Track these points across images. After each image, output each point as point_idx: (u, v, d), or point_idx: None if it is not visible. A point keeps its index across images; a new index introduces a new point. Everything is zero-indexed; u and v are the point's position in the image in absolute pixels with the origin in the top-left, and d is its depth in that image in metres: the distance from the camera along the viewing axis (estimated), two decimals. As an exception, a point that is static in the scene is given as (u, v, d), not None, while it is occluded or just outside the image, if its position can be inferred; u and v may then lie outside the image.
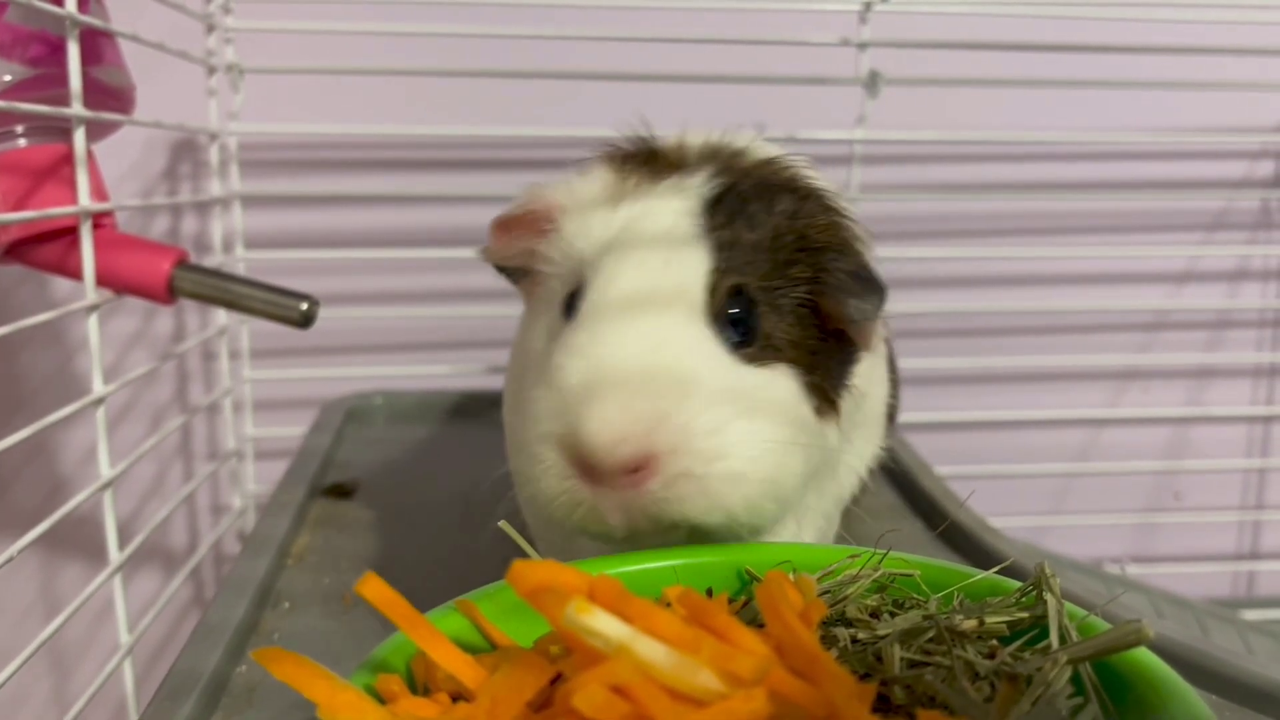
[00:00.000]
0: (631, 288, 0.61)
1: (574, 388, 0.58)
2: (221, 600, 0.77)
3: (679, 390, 0.57)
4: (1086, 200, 1.53)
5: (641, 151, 0.73)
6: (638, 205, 0.66)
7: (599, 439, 0.56)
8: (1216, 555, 1.65)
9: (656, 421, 0.56)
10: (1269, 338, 1.61)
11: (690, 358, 0.59)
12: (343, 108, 1.37)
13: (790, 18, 1.37)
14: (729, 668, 0.40)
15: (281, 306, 0.93)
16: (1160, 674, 0.46)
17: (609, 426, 0.56)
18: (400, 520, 1.01)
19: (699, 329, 0.61)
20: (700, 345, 0.60)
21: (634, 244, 0.64)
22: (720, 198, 0.66)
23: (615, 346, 0.58)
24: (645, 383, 0.57)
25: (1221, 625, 1.14)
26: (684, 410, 0.57)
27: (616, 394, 0.56)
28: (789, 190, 0.69)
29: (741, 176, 0.68)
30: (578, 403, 0.57)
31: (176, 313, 1.41)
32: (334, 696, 0.42)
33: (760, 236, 0.65)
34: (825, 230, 0.67)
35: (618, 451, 0.56)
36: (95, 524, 0.89)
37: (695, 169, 0.69)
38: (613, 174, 0.71)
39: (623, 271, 0.62)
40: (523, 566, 0.43)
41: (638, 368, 0.58)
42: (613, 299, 0.61)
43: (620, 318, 0.60)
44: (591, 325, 0.60)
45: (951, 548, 0.99)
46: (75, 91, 0.82)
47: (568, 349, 0.60)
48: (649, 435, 0.56)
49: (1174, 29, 1.38)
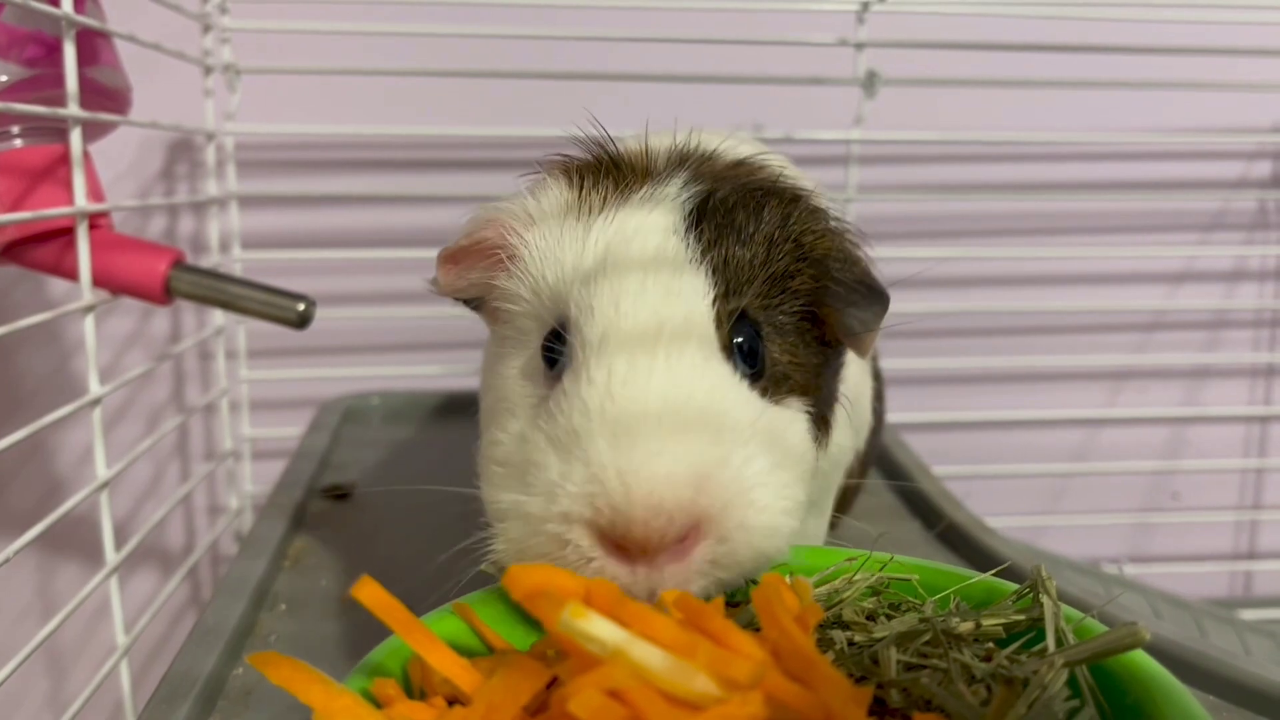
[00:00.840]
0: (637, 327, 0.55)
1: (604, 459, 0.51)
2: (218, 602, 0.77)
3: (718, 445, 0.53)
4: (1083, 200, 1.53)
5: (601, 160, 0.66)
6: (613, 225, 0.60)
7: (651, 522, 0.50)
8: (1214, 555, 1.65)
9: (702, 487, 0.51)
10: (1266, 338, 1.62)
11: (721, 404, 0.54)
12: (339, 108, 1.36)
13: (788, 18, 1.37)
14: (725, 672, 0.40)
15: (278, 307, 0.93)
16: (1157, 677, 0.46)
17: (658, 505, 0.50)
18: (397, 521, 1.01)
19: (720, 368, 0.56)
20: (727, 389, 0.55)
21: (625, 273, 0.57)
22: (701, 209, 0.61)
23: (642, 404, 0.52)
24: (684, 444, 0.52)
25: (1219, 625, 1.14)
26: (728, 468, 0.52)
27: (658, 463, 0.51)
28: (773, 195, 0.64)
29: (718, 182, 0.63)
30: (614, 478, 0.50)
31: (173, 313, 1.41)
32: (330, 701, 0.42)
33: (754, 251, 0.60)
34: (824, 238, 0.63)
35: (669, 530, 0.50)
36: (92, 524, 0.89)
37: (666, 177, 0.63)
38: (571, 188, 0.64)
39: (623, 308, 0.56)
40: (519, 571, 0.43)
41: (672, 427, 0.52)
42: (618, 342, 0.55)
43: (636, 366, 0.54)
44: (603, 378, 0.54)
45: (949, 548, 0.99)
46: (71, 92, 0.82)
47: (581, 409, 0.53)
48: (696, 504, 0.51)
49: (1171, 29, 1.38)
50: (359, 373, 1.41)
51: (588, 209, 0.62)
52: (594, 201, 0.62)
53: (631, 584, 0.51)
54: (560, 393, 0.56)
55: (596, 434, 0.52)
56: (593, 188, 0.63)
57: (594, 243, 0.60)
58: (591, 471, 0.51)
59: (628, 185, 0.63)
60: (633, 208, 0.61)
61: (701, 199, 0.61)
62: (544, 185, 0.65)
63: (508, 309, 0.64)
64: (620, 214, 0.61)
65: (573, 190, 0.63)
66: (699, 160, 0.66)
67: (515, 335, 0.64)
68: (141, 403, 1.42)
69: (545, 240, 0.62)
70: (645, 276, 0.57)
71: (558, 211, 0.63)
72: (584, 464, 0.52)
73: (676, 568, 0.51)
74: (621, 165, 0.65)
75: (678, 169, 0.64)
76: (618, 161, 0.65)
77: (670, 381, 0.53)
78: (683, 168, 0.64)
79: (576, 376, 0.55)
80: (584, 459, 0.52)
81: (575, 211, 0.62)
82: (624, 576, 0.51)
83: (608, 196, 0.62)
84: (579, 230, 0.61)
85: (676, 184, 0.62)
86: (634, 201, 0.61)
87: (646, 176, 0.63)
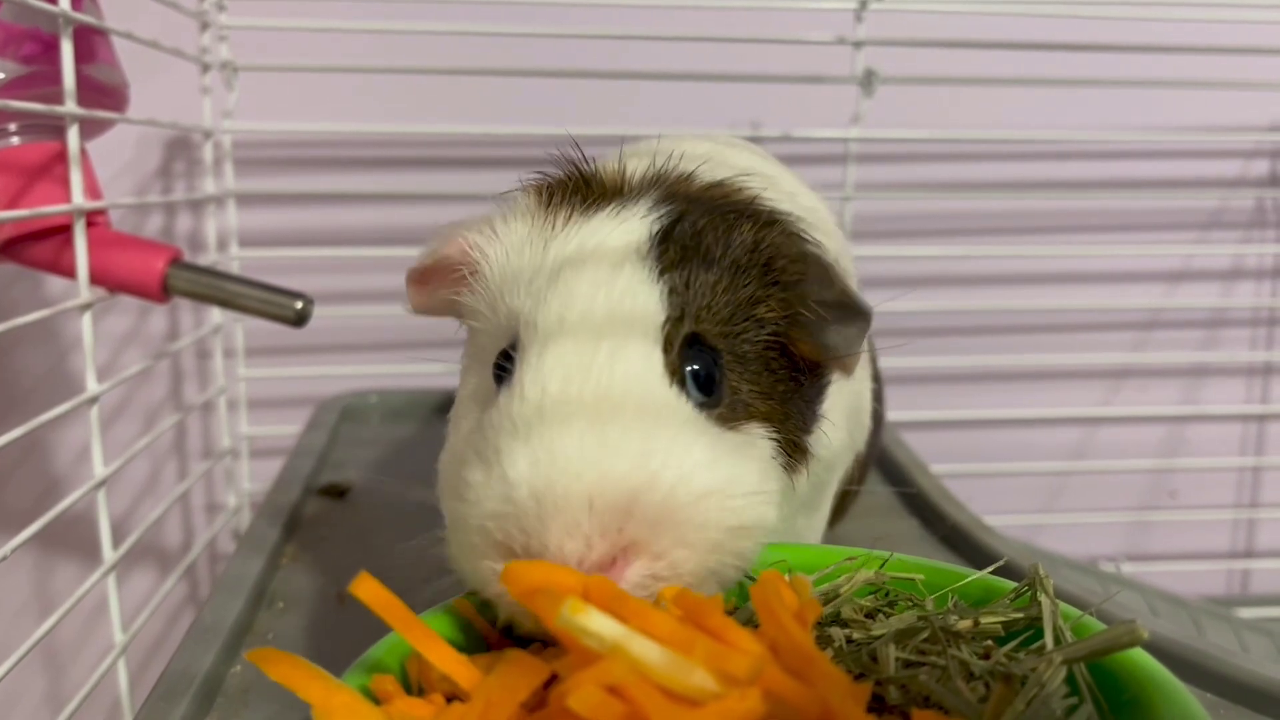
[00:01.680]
0: (578, 342, 0.53)
1: (521, 483, 0.49)
2: (216, 600, 0.77)
3: (648, 461, 0.49)
4: (1081, 199, 1.54)
5: (572, 178, 0.63)
6: (572, 242, 0.58)
7: (566, 547, 0.47)
8: (1211, 553, 1.65)
9: (629, 510, 0.48)
10: (1263, 336, 1.62)
11: (656, 420, 0.51)
12: (337, 106, 1.36)
13: (786, 16, 1.37)
14: (723, 667, 0.40)
15: (276, 305, 0.93)
16: (1155, 674, 0.46)
17: (573, 530, 0.48)
18: (395, 519, 1.01)
19: (659, 385, 0.53)
20: (664, 405, 0.52)
21: (574, 288, 0.55)
22: (669, 231, 0.58)
23: (566, 418, 0.50)
24: (609, 461, 0.49)
25: (1216, 623, 1.15)
26: (657, 489, 0.49)
27: (575, 484, 0.48)
28: (747, 218, 0.60)
29: (690, 204, 0.60)
30: (531, 502, 0.48)
31: (170, 311, 1.40)
32: (329, 698, 0.42)
33: (718, 276, 0.57)
34: (797, 261, 0.60)
35: (589, 557, 0.48)
36: (89, 523, 0.89)
37: (635, 197, 0.60)
38: (539, 206, 0.61)
39: (566, 323, 0.53)
40: (517, 567, 0.43)
41: (597, 443, 0.49)
42: (556, 355, 0.52)
43: (569, 378, 0.51)
44: (535, 392, 0.51)
45: (947, 547, 0.99)
46: (69, 89, 0.82)
47: (507, 427, 0.51)
48: (621, 530, 0.48)
49: (1169, 28, 1.38)
50: (357, 371, 1.41)
51: (550, 226, 0.60)
52: (558, 219, 0.60)
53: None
54: (494, 407, 0.54)
55: (517, 451, 0.50)
56: (559, 205, 0.61)
57: (550, 259, 0.58)
58: (506, 491, 0.49)
59: (594, 203, 0.60)
60: (595, 225, 0.58)
61: (671, 220, 0.58)
62: (513, 202, 0.63)
63: (471, 326, 0.63)
64: (581, 231, 0.58)
65: (539, 208, 0.61)
66: (673, 181, 0.63)
67: (476, 353, 0.62)
68: (139, 401, 1.41)
69: (505, 257, 0.60)
70: (595, 292, 0.54)
71: (521, 228, 0.61)
72: (501, 482, 0.50)
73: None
74: (592, 183, 0.62)
75: (649, 189, 0.61)
76: (588, 180, 0.63)
77: (601, 394, 0.51)
78: (655, 188, 0.62)
79: (510, 389, 0.53)
80: (501, 476, 0.50)
81: (539, 228, 0.60)
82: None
83: (572, 214, 0.60)
84: (538, 247, 0.59)
85: (645, 204, 0.59)
86: (597, 220, 0.59)
87: (615, 195, 0.61)
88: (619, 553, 0.48)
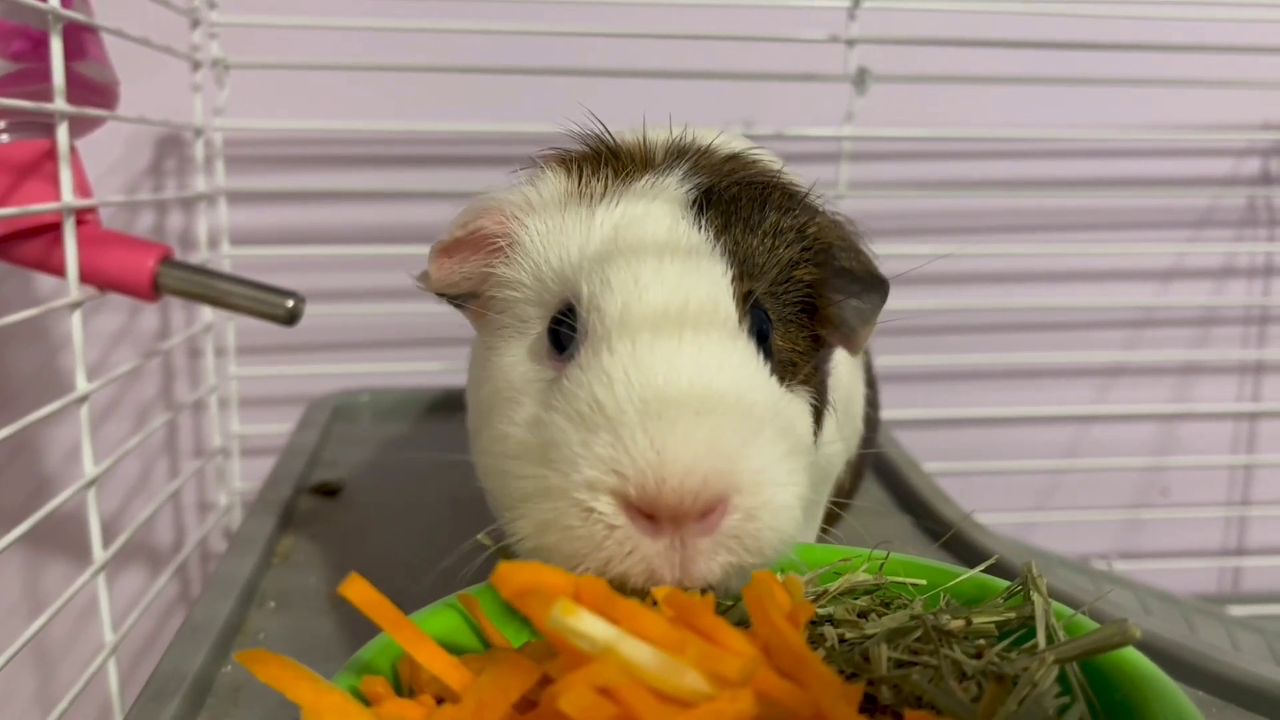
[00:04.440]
0: (658, 303, 0.54)
1: (633, 425, 0.50)
2: (207, 599, 0.77)
3: (745, 422, 0.52)
4: (1073, 197, 1.54)
5: (599, 151, 0.66)
6: (619, 209, 0.60)
7: (681, 483, 0.49)
8: (1203, 551, 1.66)
9: (732, 459, 0.50)
10: (1254, 334, 1.62)
11: (746, 385, 0.54)
12: (328, 103, 1.36)
13: (779, 14, 1.36)
14: (715, 668, 0.40)
15: (267, 303, 0.93)
16: (1147, 673, 0.46)
17: (690, 468, 0.49)
18: (386, 518, 1.01)
19: (744, 350, 0.55)
20: (751, 370, 0.55)
21: (641, 252, 0.57)
22: (704, 199, 0.61)
23: (671, 375, 0.51)
24: (714, 416, 0.51)
25: (1208, 621, 1.15)
26: (756, 444, 0.52)
27: (692, 430, 0.50)
28: (774, 187, 0.64)
29: (716, 175, 0.63)
30: (644, 443, 0.50)
31: (161, 310, 1.40)
32: (318, 698, 0.42)
33: (761, 239, 0.60)
34: (827, 228, 0.63)
35: (701, 494, 0.49)
36: (80, 522, 0.89)
37: (666, 168, 0.63)
38: (569, 178, 0.64)
39: (643, 285, 0.55)
40: (509, 568, 0.43)
41: (702, 398, 0.51)
42: (641, 317, 0.54)
43: (661, 340, 0.53)
44: (627, 350, 0.53)
45: (939, 545, 0.99)
46: (58, 87, 0.81)
47: (605, 381, 0.52)
48: (726, 474, 0.50)
49: (1161, 27, 1.38)
50: (348, 369, 1.40)
51: (589, 196, 0.62)
52: (595, 189, 0.62)
53: (657, 555, 0.50)
54: (576, 368, 0.55)
55: (624, 402, 0.51)
56: (592, 176, 0.63)
57: (600, 225, 0.59)
58: (619, 437, 0.50)
59: (628, 174, 0.63)
60: (636, 194, 0.61)
61: (703, 190, 0.61)
62: (541, 175, 0.65)
63: (507, 297, 0.63)
64: (624, 200, 0.60)
65: (571, 179, 0.63)
66: (697, 153, 0.65)
67: (514, 323, 0.63)
68: (130, 399, 1.41)
69: (547, 226, 0.62)
70: (662, 256, 0.56)
71: (558, 199, 0.63)
72: (610, 432, 0.50)
73: (704, 541, 0.50)
74: (620, 155, 0.65)
75: (677, 160, 0.64)
76: (616, 152, 0.65)
77: (697, 357, 0.53)
78: (682, 160, 0.64)
79: (596, 350, 0.54)
80: (610, 427, 0.51)
81: (576, 199, 0.62)
82: (649, 547, 0.50)
83: (609, 184, 0.62)
84: (582, 215, 0.61)
85: (677, 175, 0.62)
86: (636, 189, 0.61)
87: (646, 166, 0.63)
88: (719, 502, 0.50)
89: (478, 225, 0.64)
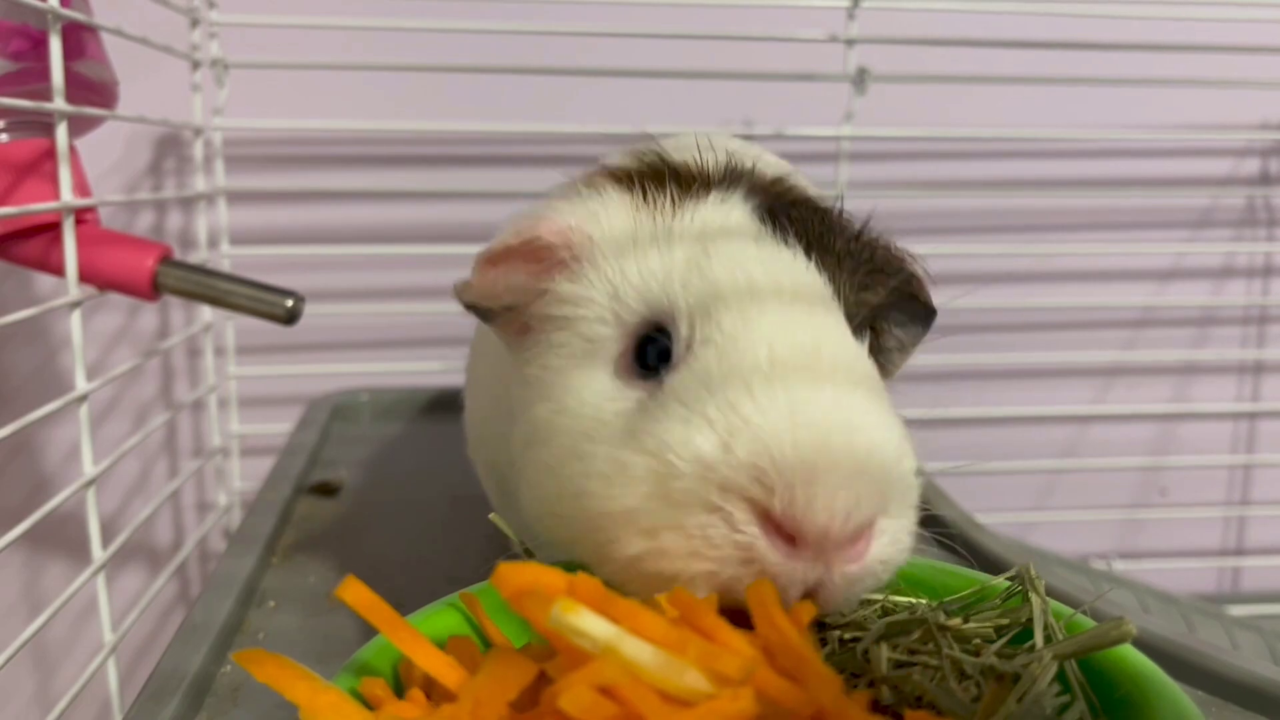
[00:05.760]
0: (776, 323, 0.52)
1: (781, 435, 0.47)
2: (206, 599, 0.77)
3: (893, 443, 0.50)
4: (1073, 197, 1.54)
5: (658, 168, 0.63)
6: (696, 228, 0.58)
7: (832, 502, 0.46)
8: (1202, 551, 1.66)
9: (885, 481, 0.49)
10: (1254, 334, 1.62)
11: (882, 405, 0.52)
12: (328, 103, 1.36)
13: (778, 14, 1.36)
14: (716, 667, 0.40)
15: (266, 303, 0.93)
16: (1147, 672, 0.46)
17: (842, 486, 0.47)
18: (386, 518, 1.01)
19: (865, 360, 0.55)
20: (880, 388, 0.55)
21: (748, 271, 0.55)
22: (770, 219, 0.59)
23: (825, 388, 0.49)
24: (865, 432, 0.49)
25: (1207, 621, 1.15)
26: (901, 466, 0.51)
27: (844, 446, 0.47)
28: (830, 212, 0.63)
29: (771, 196, 0.62)
30: (793, 454, 0.47)
31: (160, 309, 1.40)
32: (316, 698, 0.42)
33: (836, 259, 0.59)
34: (892, 253, 0.63)
35: (853, 518, 0.47)
36: (79, 521, 0.89)
37: (728, 187, 0.61)
38: (629, 194, 0.61)
39: (759, 302, 0.53)
40: (508, 569, 0.43)
41: (853, 415, 0.49)
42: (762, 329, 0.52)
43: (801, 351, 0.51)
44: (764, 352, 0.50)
45: (938, 545, 0.99)
46: (57, 86, 0.81)
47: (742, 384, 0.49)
48: (880, 499, 0.49)
49: (1160, 26, 1.38)
50: (348, 369, 1.40)
51: (659, 213, 0.59)
52: (662, 207, 0.59)
53: (786, 573, 0.47)
54: (688, 377, 0.52)
55: (767, 411, 0.48)
56: (657, 192, 0.60)
57: (683, 245, 0.57)
58: (766, 446, 0.47)
59: (693, 192, 0.60)
60: (709, 214, 0.59)
61: (765, 210, 0.59)
62: (597, 187, 0.62)
63: (571, 315, 0.59)
64: (698, 219, 0.58)
65: (633, 195, 0.61)
66: (745, 173, 0.64)
67: (578, 341, 0.59)
68: (129, 399, 1.41)
69: (619, 242, 0.59)
70: (766, 268, 0.55)
71: (624, 213, 0.60)
72: (753, 441, 0.47)
73: (851, 569, 0.48)
74: (681, 173, 0.63)
75: (733, 180, 0.62)
76: (677, 170, 0.63)
77: (839, 374, 0.51)
78: (736, 179, 0.62)
79: (721, 358, 0.51)
80: (752, 434, 0.47)
81: (644, 215, 0.60)
82: (777, 564, 0.47)
83: (676, 203, 0.60)
84: (658, 234, 0.58)
85: (739, 194, 0.60)
86: (709, 206, 0.59)
87: (707, 184, 0.61)
88: (868, 527, 0.49)
89: (534, 235, 0.60)
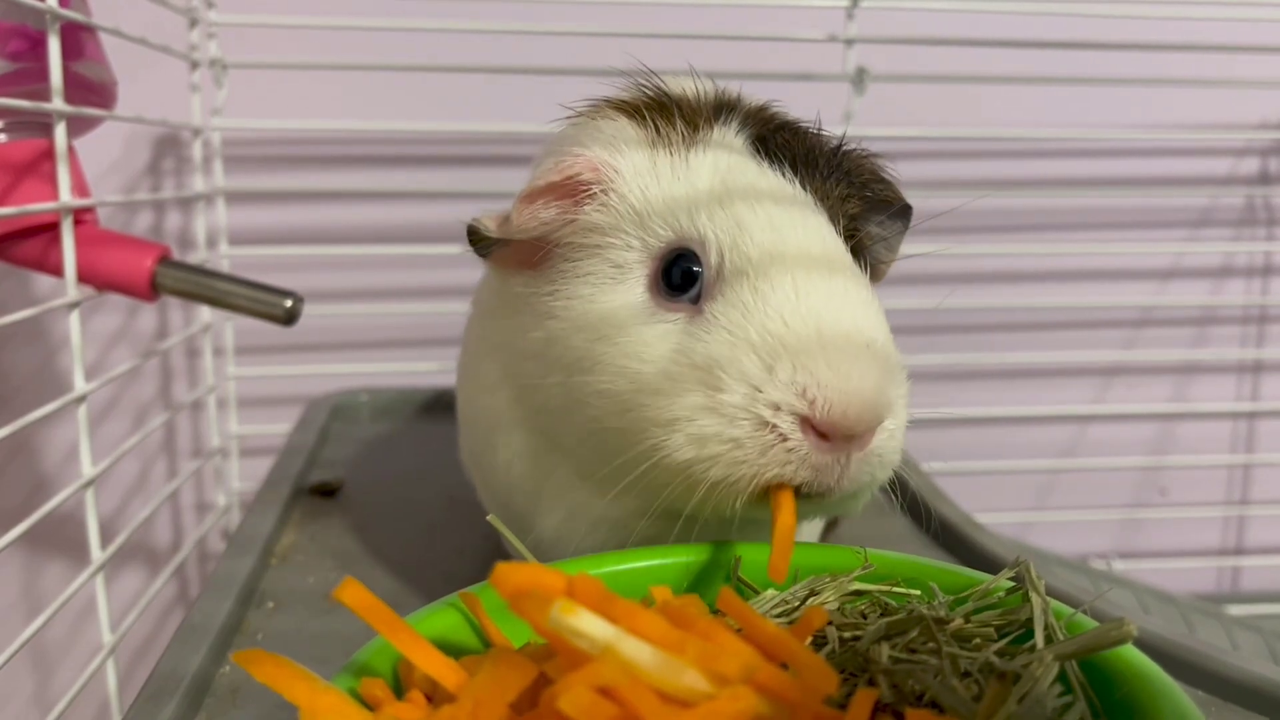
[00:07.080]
0: (798, 246, 0.60)
1: (817, 356, 0.56)
2: (205, 600, 0.77)
3: (891, 354, 0.59)
4: (1072, 197, 1.54)
5: (661, 100, 0.67)
6: (708, 156, 0.63)
7: (862, 412, 0.56)
8: (1202, 550, 1.66)
9: (890, 388, 0.58)
10: (1253, 334, 1.62)
11: (880, 318, 0.61)
12: (326, 103, 1.36)
13: (777, 14, 1.36)
14: (714, 667, 0.40)
15: (265, 303, 0.92)
16: (1147, 672, 0.46)
17: (871, 400, 0.56)
18: (385, 518, 1.01)
19: (868, 285, 0.62)
20: (877, 305, 0.61)
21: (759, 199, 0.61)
22: (763, 147, 0.65)
23: (836, 311, 0.58)
24: (875, 348, 0.58)
25: (1207, 620, 1.15)
26: (899, 375, 0.60)
27: (868, 364, 0.57)
28: (808, 133, 0.69)
29: (761, 124, 0.67)
30: (830, 374, 0.56)
31: (159, 310, 1.40)
32: (316, 699, 0.42)
33: (822, 181, 0.65)
34: (866, 161, 0.70)
35: (873, 422, 0.57)
36: (78, 522, 0.89)
37: (726, 118, 0.66)
38: (639, 125, 0.65)
39: (779, 229, 0.60)
40: (506, 569, 0.42)
41: (863, 333, 0.58)
42: (787, 259, 0.59)
43: (815, 279, 0.59)
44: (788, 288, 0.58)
45: (938, 544, 0.99)
46: (56, 86, 0.81)
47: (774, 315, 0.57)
48: (889, 404, 0.58)
49: (1159, 26, 1.38)
50: (347, 369, 1.40)
51: (671, 142, 0.64)
52: (672, 136, 0.64)
53: (824, 464, 0.57)
54: (728, 305, 0.59)
55: (804, 336, 0.56)
56: (665, 123, 0.65)
57: (700, 170, 0.63)
58: (807, 368, 0.56)
59: (697, 122, 0.65)
60: (716, 142, 0.64)
61: (758, 139, 0.65)
62: (608, 120, 0.66)
63: (598, 243, 0.63)
64: (709, 147, 0.64)
65: (644, 126, 0.65)
66: (739, 103, 0.69)
67: (605, 268, 0.63)
68: (128, 400, 1.41)
69: (639, 170, 0.63)
70: (779, 202, 0.62)
71: (641, 143, 0.64)
72: (793, 361, 0.56)
73: (860, 455, 0.58)
74: (682, 105, 0.67)
75: (730, 112, 0.67)
76: (679, 101, 0.67)
77: (848, 294, 0.59)
78: (729, 109, 0.67)
79: (751, 289, 0.58)
80: (792, 357, 0.56)
81: (659, 143, 0.64)
82: (818, 458, 0.56)
83: (684, 132, 0.64)
84: (676, 159, 0.64)
85: (735, 124, 0.66)
86: (714, 136, 0.65)
87: (707, 115, 0.66)
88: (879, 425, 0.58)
89: (575, 170, 0.63)
